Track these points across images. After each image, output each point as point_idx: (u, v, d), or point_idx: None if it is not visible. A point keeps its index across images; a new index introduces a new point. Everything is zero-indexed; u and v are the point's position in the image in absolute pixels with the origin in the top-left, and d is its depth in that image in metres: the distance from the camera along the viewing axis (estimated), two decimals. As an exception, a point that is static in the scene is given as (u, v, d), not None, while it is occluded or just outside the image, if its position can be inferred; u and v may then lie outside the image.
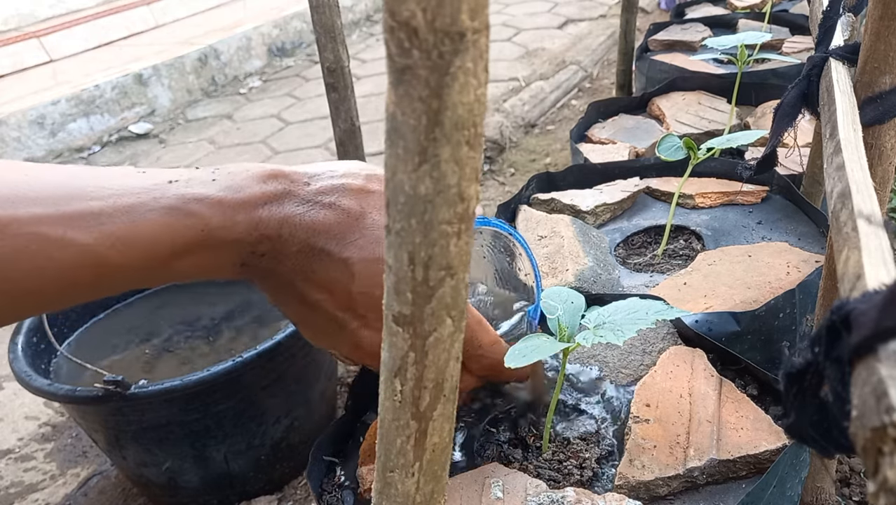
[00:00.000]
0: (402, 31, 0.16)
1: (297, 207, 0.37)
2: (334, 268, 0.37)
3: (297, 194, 0.38)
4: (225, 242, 0.36)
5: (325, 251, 0.37)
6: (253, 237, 0.37)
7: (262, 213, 0.37)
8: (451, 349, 0.23)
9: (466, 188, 0.19)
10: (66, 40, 3.17)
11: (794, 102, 0.75)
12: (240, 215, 0.36)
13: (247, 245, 0.37)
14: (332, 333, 0.39)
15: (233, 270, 0.38)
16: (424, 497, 0.27)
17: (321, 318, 0.39)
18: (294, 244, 0.37)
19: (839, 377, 0.25)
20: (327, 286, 0.37)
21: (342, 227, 0.37)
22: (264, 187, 0.37)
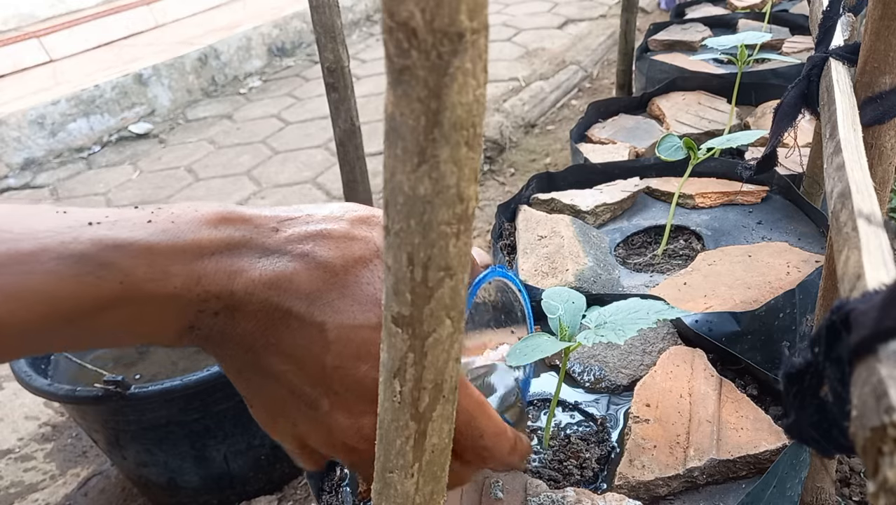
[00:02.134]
0: (400, 31, 0.16)
1: (256, 260, 0.30)
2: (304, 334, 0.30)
3: (257, 243, 0.31)
4: (156, 298, 0.29)
5: (292, 313, 0.30)
6: (195, 294, 0.29)
7: (206, 264, 0.30)
8: (451, 350, 0.23)
9: (465, 189, 0.19)
10: (66, 40, 3.17)
11: (794, 102, 0.75)
12: (175, 266, 0.29)
13: (190, 303, 0.30)
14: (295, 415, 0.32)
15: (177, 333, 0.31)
16: (424, 498, 0.27)
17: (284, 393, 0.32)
18: (253, 304, 0.30)
19: (839, 377, 0.25)
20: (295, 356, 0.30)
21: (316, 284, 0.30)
22: (213, 233, 0.30)
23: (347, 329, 0.30)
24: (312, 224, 0.32)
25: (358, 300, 0.31)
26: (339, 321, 0.30)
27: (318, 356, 0.30)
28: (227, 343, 0.31)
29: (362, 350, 0.31)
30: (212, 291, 0.30)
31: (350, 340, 0.30)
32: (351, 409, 0.31)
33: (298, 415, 0.32)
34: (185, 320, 0.30)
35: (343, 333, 0.30)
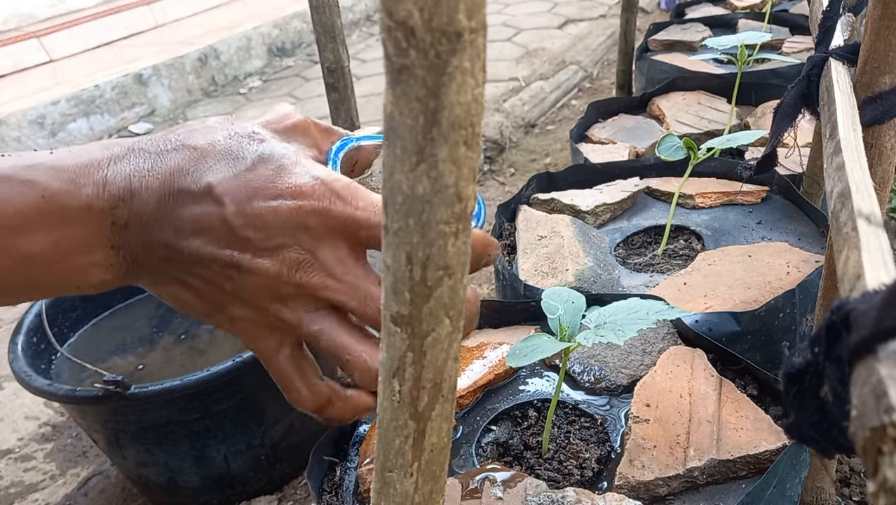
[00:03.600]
0: (399, 30, 0.16)
1: (143, 161, 0.34)
2: (198, 202, 0.33)
3: (140, 149, 0.35)
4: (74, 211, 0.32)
5: (182, 190, 0.33)
6: (104, 201, 0.33)
7: (106, 172, 0.33)
8: (450, 349, 0.23)
9: (464, 188, 0.19)
10: (66, 40, 3.17)
11: (794, 102, 0.75)
12: (82, 179, 0.33)
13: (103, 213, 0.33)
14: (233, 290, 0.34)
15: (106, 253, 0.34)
16: (423, 497, 0.27)
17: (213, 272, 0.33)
18: (150, 196, 0.33)
19: (839, 377, 0.25)
20: (199, 226, 0.33)
21: (192, 162, 0.34)
22: (105, 152, 0.34)
23: (231, 179, 0.33)
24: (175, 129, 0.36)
25: (231, 157, 0.33)
26: (221, 177, 0.33)
27: (218, 214, 0.32)
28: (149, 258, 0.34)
29: (252, 190, 0.33)
30: (117, 195, 0.33)
31: (238, 187, 0.33)
32: (269, 248, 0.33)
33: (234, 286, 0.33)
34: (106, 237, 0.33)
35: (229, 183, 0.33)
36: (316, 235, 0.33)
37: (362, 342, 0.34)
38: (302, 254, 0.33)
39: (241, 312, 0.35)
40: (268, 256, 0.33)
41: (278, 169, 0.33)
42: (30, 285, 0.34)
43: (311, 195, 0.33)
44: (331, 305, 0.34)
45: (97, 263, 0.34)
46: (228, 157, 0.34)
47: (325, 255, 0.33)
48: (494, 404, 0.75)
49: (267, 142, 0.35)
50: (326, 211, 0.33)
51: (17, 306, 1.72)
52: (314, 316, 0.34)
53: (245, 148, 0.34)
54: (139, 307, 1.26)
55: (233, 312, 0.35)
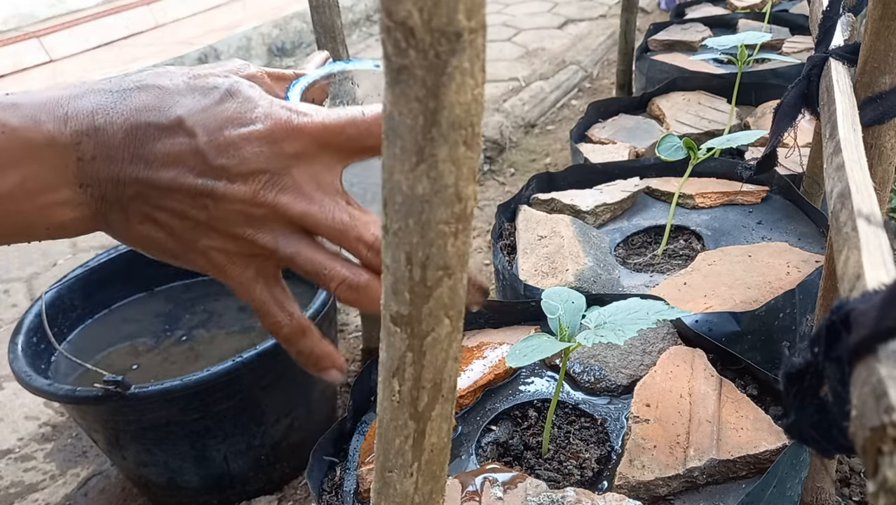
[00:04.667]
0: (398, 30, 0.16)
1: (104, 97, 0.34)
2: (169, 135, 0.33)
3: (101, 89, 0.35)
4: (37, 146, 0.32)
5: (151, 124, 0.33)
6: (66, 136, 0.33)
7: (67, 109, 0.33)
8: (449, 349, 0.23)
9: (464, 188, 0.19)
10: (66, 40, 3.17)
11: (794, 102, 0.74)
12: (43, 115, 0.33)
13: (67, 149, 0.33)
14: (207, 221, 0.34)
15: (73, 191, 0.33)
16: (423, 497, 0.27)
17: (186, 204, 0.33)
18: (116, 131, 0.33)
19: (839, 377, 0.25)
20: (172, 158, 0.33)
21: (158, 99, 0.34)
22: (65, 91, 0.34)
23: (200, 111, 0.33)
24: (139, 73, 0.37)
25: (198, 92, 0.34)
26: (191, 109, 0.33)
27: (190, 145, 0.33)
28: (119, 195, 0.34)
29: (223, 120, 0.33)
30: (80, 130, 0.33)
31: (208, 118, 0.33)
32: (243, 173, 0.33)
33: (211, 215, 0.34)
34: (72, 173, 0.33)
35: (199, 115, 0.33)
36: (290, 155, 0.33)
37: (335, 259, 0.35)
38: (275, 176, 0.33)
39: (216, 243, 0.35)
40: (241, 180, 0.33)
41: (246, 100, 0.34)
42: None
43: (281, 117, 0.34)
44: (303, 227, 0.35)
45: (65, 200, 0.34)
46: (195, 92, 0.34)
47: (298, 174, 0.34)
48: (494, 404, 0.75)
49: (231, 77, 0.35)
50: (300, 127, 0.33)
51: (17, 307, 1.72)
52: (289, 238, 0.35)
53: (211, 84, 0.35)
54: (139, 307, 1.26)
55: (207, 244, 0.35)
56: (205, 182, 0.33)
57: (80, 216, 0.34)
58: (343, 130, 0.34)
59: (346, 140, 0.34)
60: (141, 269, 1.26)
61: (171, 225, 0.34)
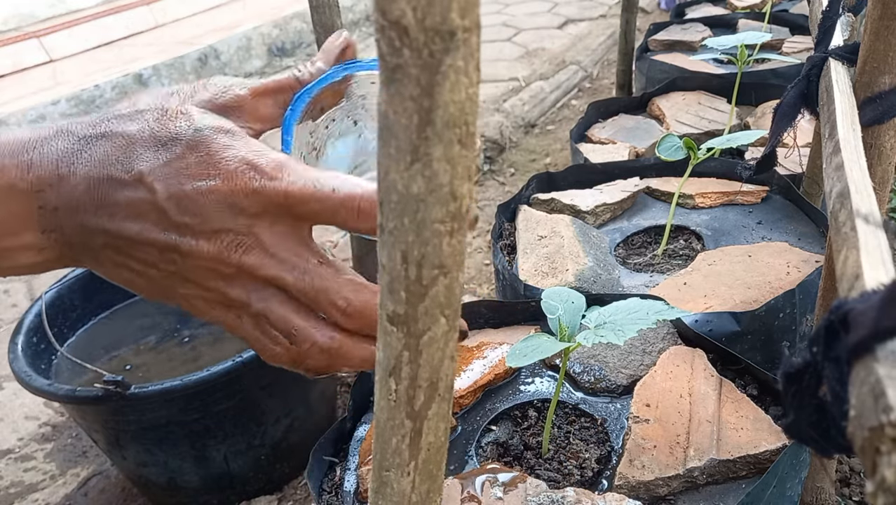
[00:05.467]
0: (392, 30, 0.16)
1: (71, 144, 0.33)
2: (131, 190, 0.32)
3: (69, 132, 0.34)
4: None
5: (113, 179, 0.33)
6: (28, 183, 0.32)
7: (32, 155, 0.33)
8: (446, 348, 0.23)
9: (459, 187, 0.19)
10: (66, 40, 3.17)
11: (793, 102, 0.74)
12: (6, 160, 0.32)
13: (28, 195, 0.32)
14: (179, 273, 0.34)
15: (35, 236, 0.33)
16: (420, 496, 0.27)
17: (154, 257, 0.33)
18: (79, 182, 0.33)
19: (837, 377, 0.25)
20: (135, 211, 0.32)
21: (122, 150, 0.33)
22: (33, 133, 0.34)
23: (161, 167, 0.33)
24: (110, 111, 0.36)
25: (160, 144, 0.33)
26: (152, 165, 0.33)
27: (150, 201, 0.32)
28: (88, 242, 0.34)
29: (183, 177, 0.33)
30: (43, 178, 0.33)
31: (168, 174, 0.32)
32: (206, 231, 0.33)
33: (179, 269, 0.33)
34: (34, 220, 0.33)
35: (160, 171, 0.32)
36: (251, 215, 0.33)
37: (309, 318, 0.34)
38: (239, 236, 0.33)
39: (191, 292, 0.35)
40: (205, 238, 0.33)
41: (208, 155, 0.33)
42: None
43: (240, 177, 0.32)
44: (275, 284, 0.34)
45: (27, 245, 0.34)
46: (158, 144, 0.33)
47: (263, 234, 0.33)
48: (494, 404, 0.75)
49: (197, 126, 0.34)
50: (259, 191, 0.32)
51: (17, 306, 1.72)
52: (261, 294, 0.34)
53: (175, 134, 0.34)
54: (139, 307, 1.26)
55: (183, 292, 0.35)
56: (169, 237, 0.33)
57: (44, 259, 0.34)
58: (306, 203, 0.33)
59: (310, 212, 0.33)
60: (141, 269, 1.25)
61: (146, 273, 0.34)
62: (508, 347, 0.80)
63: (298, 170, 0.34)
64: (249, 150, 0.34)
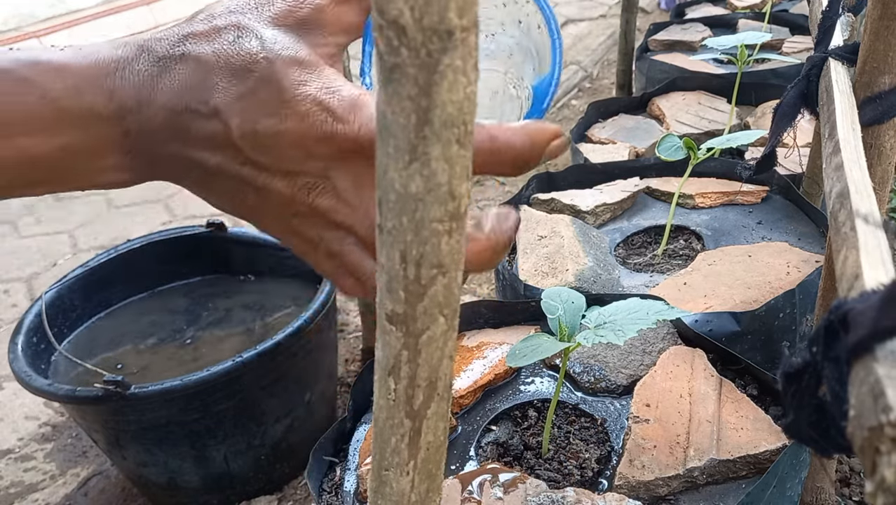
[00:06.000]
0: (390, 29, 0.16)
1: (150, 67, 0.32)
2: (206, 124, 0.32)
3: (149, 50, 0.33)
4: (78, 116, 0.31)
5: (191, 108, 0.32)
6: (111, 110, 0.32)
7: (114, 80, 0.32)
8: (445, 347, 0.23)
9: (457, 186, 0.19)
10: (66, 40, 3.17)
11: (793, 102, 0.74)
12: (87, 84, 0.32)
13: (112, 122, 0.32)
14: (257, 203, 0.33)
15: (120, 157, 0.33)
16: (419, 496, 0.27)
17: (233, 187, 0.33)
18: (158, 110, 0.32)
19: (837, 377, 0.25)
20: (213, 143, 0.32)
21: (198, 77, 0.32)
22: (117, 52, 0.33)
23: (235, 101, 0.32)
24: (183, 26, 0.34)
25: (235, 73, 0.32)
26: (227, 99, 0.32)
27: (227, 136, 0.32)
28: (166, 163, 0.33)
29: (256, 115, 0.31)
30: (124, 105, 0.32)
31: (242, 110, 0.31)
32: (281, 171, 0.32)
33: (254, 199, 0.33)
34: (118, 143, 0.32)
35: (234, 106, 0.31)
36: (324, 158, 0.32)
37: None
38: (312, 178, 0.32)
39: (268, 220, 0.34)
40: (280, 177, 0.32)
41: (279, 92, 0.32)
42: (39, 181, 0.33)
43: (311, 120, 0.31)
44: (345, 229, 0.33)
45: (111, 166, 0.33)
46: (231, 73, 0.32)
47: (337, 178, 0.32)
48: (494, 404, 0.75)
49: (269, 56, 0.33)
50: (330, 135, 0.31)
51: (17, 307, 1.72)
52: (333, 235, 0.34)
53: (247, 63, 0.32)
54: (139, 307, 1.26)
55: (265, 221, 0.34)
56: (247, 171, 0.32)
57: (130, 177, 0.34)
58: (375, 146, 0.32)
59: None
60: (141, 269, 1.26)
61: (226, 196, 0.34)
62: (508, 347, 0.80)
63: (367, 111, 0.32)
64: (322, 88, 0.32)
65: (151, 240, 1.26)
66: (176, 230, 1.29)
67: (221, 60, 0.32)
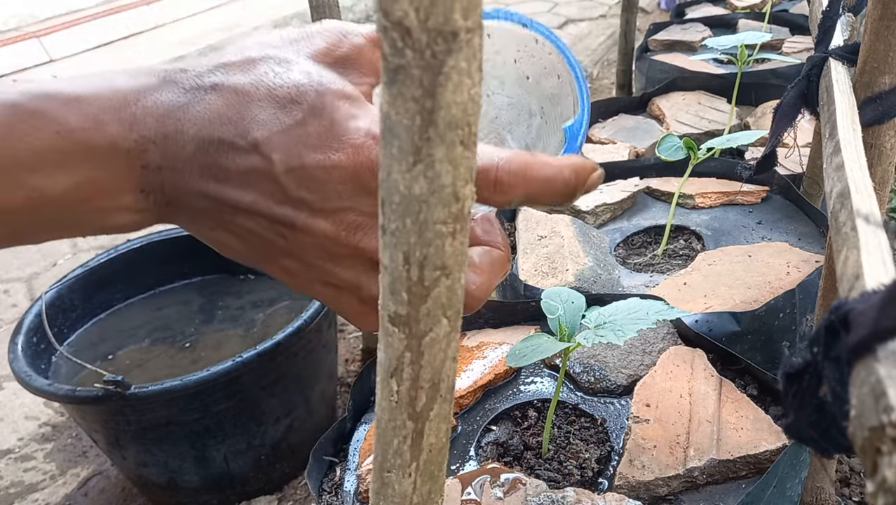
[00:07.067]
0: (395, 30, 0.16)
1: (177, 97, 0.30)
2: (245, 158, 0.29)
3: (175, 82, 0.31)
4: (97, 150, 0.29)
5: (225, 142, 0.30)
6: (132, 141, 0.29)
7: (135, 110, 0.30)
8: (448, 349, 0.23)
9: (461, 188, 0.19)
10: (66, 40, 3.17)
11: (793, 102, 0.74)
12: (107, 115, 0.29)
13: (130, 156, 0.29)
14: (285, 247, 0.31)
15: (134, 196, 0.30)
16: (421, 498, 0.27)
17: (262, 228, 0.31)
18: (187, 142, 0.30)
19: (838, 377, 0.25)
20: (248, 180, 0.30)
21: (234, 109, 0.30)
22: (135, 82, 0.30)
23: (279, 134, 0.30)
24: (214, 58, 0.32)
25: (278, 105, 0.30)
26: (270, 131, 0.30)
27: (267, 171, 0.29)
28: (187, 203, 0.31)
29: (303, 149, 0.30)
30: (147, 136, 0.30)
31: (287, 144, 0.30)
32: (326, 209, 0.30)
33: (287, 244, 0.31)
34: (135, 181, 0.30)
35: (277, 139, 0.29)
36: (375, 195, 0.30)
37: None
38: (360, 216, 0.30)
39: (295, 266, 0.32)
40: (323, 217, 0.30)
41: (330, 125, 0.30)
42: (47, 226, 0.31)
43: (366, 153, 0.29)
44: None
45: (125, 206, 0.31)
46: (275, 105, 0.30)
47: None
48: (494, 404, 0.75)
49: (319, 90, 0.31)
50: None
51: (17, 307, 1.72)
52: (373, 279, 0.32)
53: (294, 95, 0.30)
54: (139, 307, 1.26)
55: (286, 265, 0.32)
56: (285, 211, 0.30)
57: (139, 220, 0.32)
58: None
59: None
60: (141, 269, 1.26)
61: (249, 240, 0.32)
62: (508, 347, 0.80)
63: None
64: (373, 122, 0.31)
65: (152, 240, 1.26)
66: (176, 230, 1.29)
67: (262, 91, 0.30)
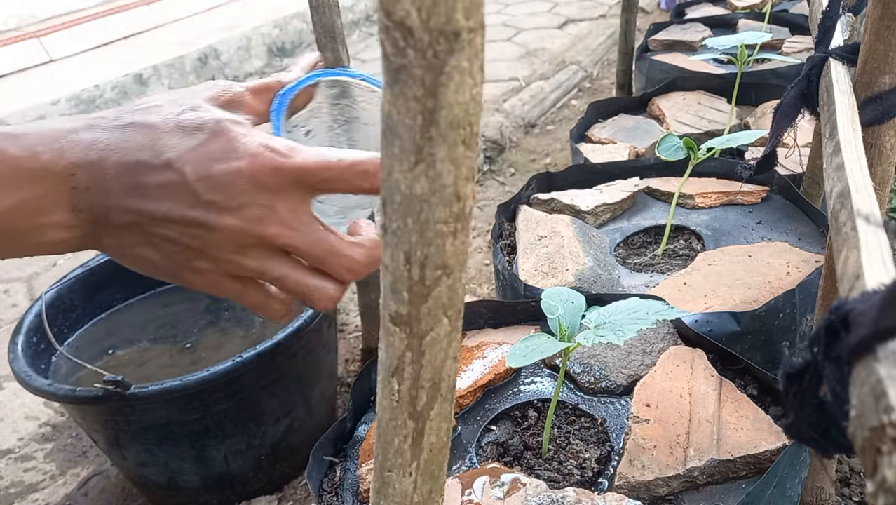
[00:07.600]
0: (397, 30, 0.16)
1: (100, 134, 0.37)
2: (160, 174, 0.36)
3: (96, 125, 0.38)
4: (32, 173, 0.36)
5: (142, 162, 0.36)
6: (61, 166, 0.36)
7: (64, 143, 0.36)
8: (448, 349, 0.23)
9: (462, 187, 0.19)
10: (66, 40, 3.17)
11: (793, 102, 0.74)
12: (40, 146, 0.36)
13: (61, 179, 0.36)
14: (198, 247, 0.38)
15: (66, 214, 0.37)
16: (422, 497, 0.27)
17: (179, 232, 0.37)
18: (110, 167, 0.36)
19: (838, 377, 0.25)
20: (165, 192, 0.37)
21: (149, 138, 0.37)
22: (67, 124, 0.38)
23: (188, 151, 0.37)
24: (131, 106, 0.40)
25: (185, 132, 0.37)
26: (180, 151, 0.37)
27: (180, 183, 0.36)
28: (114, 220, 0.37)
29: (210, 160, 0.37)
30: (75, 162, 0.36)
31: (196, 157, 0.37)
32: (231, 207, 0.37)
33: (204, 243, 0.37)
34: (66, 199, 0.36)
35: (187, 156, 0.37)
36: (271, 191, 0.37)
37: (318, 276, 0.39)
38: (261, 210, 0.37)
39: (206, 265, 0.38)
40: (230, 213, 0.37)
41: (228, 141, 0.37)
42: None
43: (262, 158, 0.37)
44: (284, 250, 0.39)
45: (58, 223, 0.37)
46: (183, 132, 0.37)
47: (280, 207, 0.37)
48: (494, 404, 0.75)
49: (217, 118, 0.38)
50: (278, 168, 0.37)
51: (17, 307, 1.72)
52: (275, 261, 0.38)
53: (197, 124, 0.38)
54: (139, 307, 1.26)
55: (198, 266, 0.39)
56: (196, 213, 0.37)
57: (71, 236, 0.38)
58: (318, 173, 0.38)
59: (320, 181, 0.38)
60: (141, 269, 1.25)
61: (165, 248, 0.38)
62: (508, 347, 0.80)
63: (306, 149, 0.38)
64: (263, 137, 0.38)
65: (151, 240, 1.26)
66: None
67: (170, 124, 0.38)
